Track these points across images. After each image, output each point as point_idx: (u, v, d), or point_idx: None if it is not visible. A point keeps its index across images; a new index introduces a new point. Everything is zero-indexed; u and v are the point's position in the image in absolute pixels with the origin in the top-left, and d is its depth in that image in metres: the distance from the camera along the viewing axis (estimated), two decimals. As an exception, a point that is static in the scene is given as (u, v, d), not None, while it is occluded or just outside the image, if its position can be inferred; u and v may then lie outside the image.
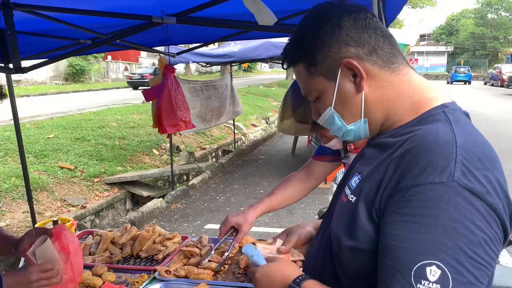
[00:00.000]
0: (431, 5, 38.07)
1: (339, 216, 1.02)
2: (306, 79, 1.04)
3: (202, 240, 2.18)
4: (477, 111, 17.39)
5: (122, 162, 7.95)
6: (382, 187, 0.90)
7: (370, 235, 0.91)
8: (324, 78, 1.01)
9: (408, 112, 0.99)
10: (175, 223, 5.83)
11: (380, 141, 1.03)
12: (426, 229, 0.79)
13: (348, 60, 0.97)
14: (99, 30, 3.11)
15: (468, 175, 0.81)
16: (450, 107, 0.97)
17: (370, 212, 0.91)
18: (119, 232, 2.24)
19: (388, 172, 0.90)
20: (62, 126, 9.19)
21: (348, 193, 1.02)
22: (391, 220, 0.85)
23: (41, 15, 2.46)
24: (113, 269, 1.96)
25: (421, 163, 0.83)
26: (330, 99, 1.02)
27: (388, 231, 0.85)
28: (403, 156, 0.88)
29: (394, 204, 0.85)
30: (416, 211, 0.81)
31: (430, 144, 0.86)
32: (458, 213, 0.79)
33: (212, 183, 7.85)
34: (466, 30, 61.89)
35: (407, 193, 0.83)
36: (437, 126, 0.91)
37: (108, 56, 28.14)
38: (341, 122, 1.03)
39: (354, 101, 1.00)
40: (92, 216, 6.15)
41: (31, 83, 21.90)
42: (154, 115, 3.73)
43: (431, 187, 0.81)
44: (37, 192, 6.10)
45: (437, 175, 0.81)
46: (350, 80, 0.99)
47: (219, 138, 11.60)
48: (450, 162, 0.82)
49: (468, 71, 42.82)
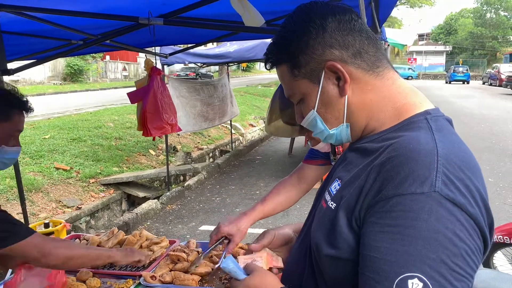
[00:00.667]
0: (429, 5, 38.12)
1: (318, 223, 1.00)
2: (289, 81, 1.02)
3: (190, 244, 2.16)
4: (475, 111, 17.41)
5: (118, 162, 7.93)
6: (363, 196, 0.87)
7: (350, 244, 0.89)
8: (308, 80, 0.99)
9: (391, 117, 0.97)
10: (170, 225, 5.80)
11: (361, 145, 1.01)
12: (408, 241, 0.77)
13: (332, 63, 0.95)
14: (90, 31, 3.09)
15: (449, 185, 0.79)
16: (433, 114, 0.95)
17: (350, 221, 0.89)
18: (105, 236, 2.22)
19: (369, 180, 0.87)
20: (59, 127, 9.17)
21: (327, 198, 1.00)
22: (371, 231, 0.83)
23: (29, 16, 2.43)
24: (98, 275, 1.93)
25: (402, 172, 0.81)
26: (313, 102, 1.00)
27: (369, 242, 0.83)
28: (384, 164, 0.86)
29: (374, 214, 0.83)
30: (397, 222, 0.79)
31: (411, 153, 0.84)
32: (440, 224, 0.77)
33: (208, 184, 7.82)
34: (465, 30, 61.95)
35: (387, 203, 0.81)
36: (418, 134, 0.89)
37: (107, 56, 28.09)
38: (323, 125, 1.02)
39: (337, 104, 0.99)
40: (88, 217, 6.12)
41: (29, 83, 21.85)
42: (138, 117, 3.68)
43: (413, 198, 0.79)
44: (32, 193, 6.08)
45: (418, 186, 0.79)
46: (334, 83, 0.97)
47: (216, 138, 11.58)
48: (431, 172, 0.80)
49: (466, 71, 42.83)
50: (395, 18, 47.30)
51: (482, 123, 13.78)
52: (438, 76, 53.74)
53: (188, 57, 6.87)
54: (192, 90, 7.60)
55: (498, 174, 7.57)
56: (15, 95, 1.78)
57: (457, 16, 68.80)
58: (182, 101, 7.23)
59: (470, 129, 12.78)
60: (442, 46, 63.28)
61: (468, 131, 12.23)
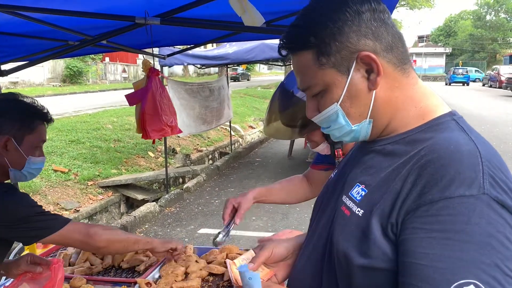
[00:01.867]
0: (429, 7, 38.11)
1: (344, 232, 0.92)
2: (313, 69, 0.92)
3: (187, 250, 2.10)
4: (474, 113, 17.38)
5: (117, 165, 7.88)
6: (400, 200, 0.82)
7: (386, 253, 0.83)
8: (335, 70, 0.91)
9: (414, 117, 0.93)
10: (168, 228, 5.75)
11: (383, 147, 0.95)
12: (459, 246, 0.73)
13: (367, 54, 0.89)
14: (87, 32, 3.04)
15: (496, 187, 0.77)
16: (457, 116, 0.93)
17: (385, 228, 0.84)
18: (100, 242, 2.16)
19: (406, 184, 0.83)
20: (57, 129, 9.11)
21: (351, 205, 0.93)
22: (415, 237, 0.78)
23: (23, 16, 2.39)
24: (92, 281, 1.88)
25: (447, 174, 0.77)
26: (338, 94, 0.92)
27: (414, 249, 0.78)
28: (424, 167, 0.81)
29: (417, 219, 0.78)
30: (446, 226, 0.75)
31: (454, 155, 0.80)
32: (491, 227, 0.74)
33: (207, 186, 7.77)
34: (465, 32, 62.08)
35: (433, 207, 0.77)
36: (454, 134, 0.86)
37: (106, 57, 28.06)
38: (345, 120, 0.94)
39: (363, 99, 0.92)
40: (86, 220, 6.07)
41: (28, 85, 21.80)
42: (137, 120, 3.61)
43: (461, 201, 0.75)
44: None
45: (466, 188, 0.75)
46: (363, 75, 0.91)
47: (216, 140, 11.54)
48: (477, 174, 0.77)
49: (466, 73, 42.86)
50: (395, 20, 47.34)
51: (482, 125, 13.74)
52: (438, 78, 53.77)
53: (187, 58, 6.83)
54: (190, 92, 7.58)
55: (499, 177, 7.52)
56: (36, 107, 1.82)
57: (456, 18, 69.00)
58: (182, 103, 7.20)
59: (470, 131, 12.73)
60: (442, 48, 63.38)
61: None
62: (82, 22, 2.77)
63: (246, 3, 1.80)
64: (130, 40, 3.50)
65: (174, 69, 31.89)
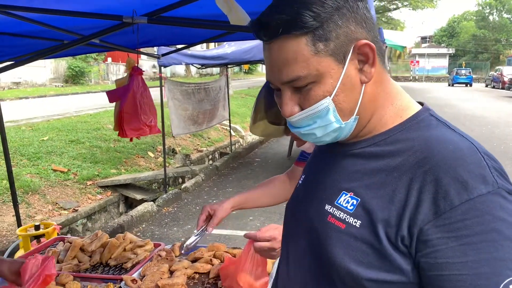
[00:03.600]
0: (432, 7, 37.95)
1: (343, 246, 0.84)
2: (306, 57, 0.80)
3: (175, 248, 2.12)
4: (476, 113, 17.32)
5: (117, 164, 7.90)
6: (409, 211, 0.77)
7: (397, 264, 0.79)
8: (333, 59, 0.81)
9: (392, 116, 0.89)
10: (165, 227, 5.76)
11: (365, 150, 0.90)
12: (494, 246, 0.71)
13: (366, 42, 0.82)
14: (81, 31, 3.07)
15: (502, 179, 0.77)
16: (432, 110, 0.90)
17: (393, 240, 0.78)
18: (89, 239, 2.18)
19: (412, 192, 0.77)
20: (57, 129, 9.15)
21: (343, 216, 0.85)
22: (446, 248, 0.73)
23: (16, 15, 2.40)
24: (80, 278, 1.89)
25: (459, 176, 0.75)
26: (332, 86, 0.82)
27: (449, 260, 0.73)
28: (430, 172, 0.77)
29: (441, 228, 0.74)
30: (475, 229, 0.72)
31: (455, 154, 0.78)
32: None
33: (205, 186, 7.78)
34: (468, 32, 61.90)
35: (455, 212, 0.73)
36: (444, 132, 0.83)
37: (108, 58, 28.12)
38: (335, 117, 0.84)
39: (355, 93, 0.84)
40: (84, 220, 6.09)
41: (31, 85, 21.86)
42: (115, 117, 3.61)
43: (482, 199, 0.73)
44: (28, 195, 6.05)
45: (482, 185, 0.74)
46: (356, 66, 0.83)
47: (216, 140, 11.55)
48: (485, 170, 0.76)
49: (469, 73, 42.75)
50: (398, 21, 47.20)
51: (483, 126, 13.72)
52: (441, 79, 53.64)
53: (185, 58, 6.85)
54: (185, 94, 7.61)
55: (499, 177, 7.50)
56: None
57: (459, 19, 68.81)
58: (175, 104, 7.23)
59: (471, 131, 12.70)
60: (445, 49, 63.22)
61: (469, 134, 12.06)
62: (75, 22, 2.79)
63: (232, 2, 1.81)
64: (124, 40, 3.52)
65: (176, 69, 31.90)
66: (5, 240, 5.06)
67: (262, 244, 1.54)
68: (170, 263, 1.93)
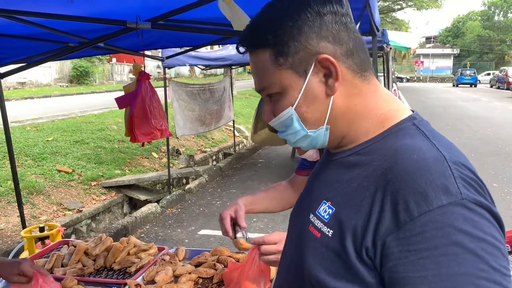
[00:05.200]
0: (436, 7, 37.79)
1: (316, 255, 0.86)
2: (269, 70, 0.87)
3: (179, 252, 2.13)
4: (480, 114, 17.25)
5: (121, 165, 7.92)
6: (373, 222, 0.77)
7: (361, 276, 0.78)
8: (293, 72, 0.86)
9: (375, 125, 0.90)
10: (169, 228, 5.77)
11: (343, 159, 0.92)
12: (455, 260, 0.69)
13: (326, 57, 0.85)
14: (84, 34, 3.08)
15: (470, 189, 0.74)
16: (418, 118, 0.89)
17: (359, 251, 0.78)
18: (93, 243, 2.19)
19: (376, 202, 0.77)
20: (62, 129, 9.18)
21: (319, 225, 0.87)
22: (407, 261, 0.72)
23: (21, 20, 2.42)
24: (84, 282, 1.90)
25: (418, 187, 0.73)
26: (294, 97, 0.87)
27: (409, 274, 0.72)
28: (391, 181, 0.76)
29: (401, 241, 0.73)
30: (435, 242, 0.70)
31: (419, 163, 0.76)
32: (479, 231, 0.71)
33: (209, 187, 7.79)
34: (473, 33, 61.65)
35: (414, 224, 0.71)
36: (415, 141, 0.82)
37: (113, 58, 28.19)
38: (300, 125, 0.90)
39: (320, 104, 0.88)
40: (89, 220, 6.11)
41: (36, 85, 21.96)
42: (126, 123, 3.64)
43: (442, 211, 0.71)
44: (33, 195, 6.08)
45: (443, 196, 0.71)
46: (321, 80, 0.87)
47: (220, 141, 11.56)
48: (449, 179, 0.73)
49: (474, 74, 42.62)
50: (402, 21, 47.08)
51: (488, 127, 13.65)
52: (445, 79, 53.49)
53: (189, 59, 6.87)
54: (191, 94, 7.62)
55: (503, 179, 7.46)
56: None
57: (464, 19, 68.53)
58: (181, 105, 7.23)
59: (474, 133, 12.66)
60: (450, 49, 63.02)
61: (473, 135, 12.11)
62: (80, 26, 2.81)
63: (235, 7, 1.81)
64: (129, 42, 3.54)
65: (181, 70, 31.95)
66: (10, 241, 5.09)
67: (268, 248, 1.54)
68: (174, 267, 1.94)
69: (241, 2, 1.81)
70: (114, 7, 2.41)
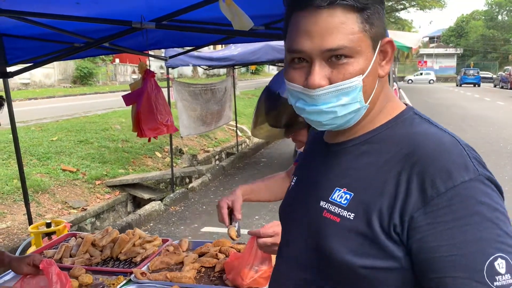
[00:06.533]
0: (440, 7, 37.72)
1: (339, 239, 0.91)
2: (356, 31, 0.87)
3: (182, 243, 2.21)
4: (483, 114, 17.25)
5: (125, 164, 8.00)
6: (400, 201, 0.84)
7: (389, 251, 0.86)
8: (371, 42, 0.90)
9: (385, 113, 0.98)
10: (173, 226, 5.86)
11: (351, 148, 0.97)
12: (478, 227, 0.79)
13: (390, 40, 0.93)
14: (90, 34, 3.16)
15: (480, 166, 0.85)
16: (415, 110, 0.99)
17: (386, 228, 0.85)
18: (100, 235, 2.27)
19: (402, 183, 0.85)
20: (66, 129, 9.28)
21: (337, 211, 0.92)
22: (435, 232, 0.81)
23: (30, 21, 2.51)
24: (91, 271, 1.98)
25: (443, 167, 0.83)
26: (366, 66, 0.89)
27: (438, 243, 0.81)
28: (417, 164, 0.85)
29: (429, 214, 0.81)
30: (460, 213, 0.80)
31: (439, 147, 0.86)
32: (493, 202, 0.82)
33: (212, 186, 7.87)
34: (476, 32, 61.46)
35: (441, 199, 0.81)
36: (428, 129, 0.92)
37: (116, 59, 28.27)
38: (360, 97, 0.90)
39: (374, 82, 0.92)
40: (93, 219, 6.20)
41: (40, 86, 22.07)
42: (133, 119, 3.77)
43: (465, 186, 0.81)
44: (38, 194, 6.17)
45: (464, 173, 0.82)
46: (379, 60, 0.93)
47: (223, 141, 11.63)
48: (466, 159, 0.84)
49: (477, 73, 42.53)
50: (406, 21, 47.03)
51: (490, 126, 13.67)
52: (448, 79, 53.37)
53: (192, 59, 6.93)
54: (193, 94, 7.71)
55: (504, 178, 7.52)
56: None
57: (468, 18, 68.31)
58: (184, 104, 7.33)
59: (477, 132, 12.68)
60: (453, 49, 62.82)
61: (475, 135, 12.13)
62: (85, 26, 2.89)
63: (236, 7, 1.89)
64: (133, 42, 3.61)
65: (183, 70, 32.02)
66: (16, 239, 5.18)
67: (265, 240, 1.60)
68: (178, 258, 2.02)
69: (241, 3, 1.88)
70: (119, 7, 2.49)
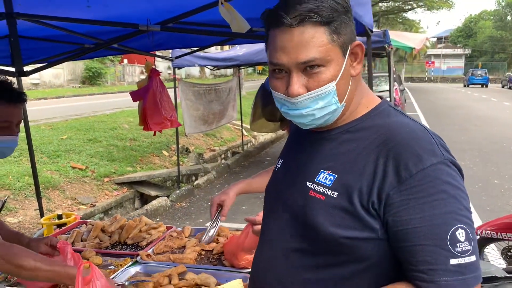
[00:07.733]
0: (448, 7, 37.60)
1: (324, 214, 1.04)
2: (325, 43, 0.98)
3: (185, 230, 2.37)
4: (489, 114, 17.23)
5: (132, 162, 8.17)
6: (378, 181, 0.98)
7: (368, 224, 1.00)
8: (339, 50, 1.02)
9: (362, 107, 1.11)
10: (178, 221, 6.02)
11: (335, 136, 1.11)
12: (443, 203, 0.94)
13: (360, 43, 1.05)
14: (99, 36, 3.33)
15: (445, 152, 1.00)
16: (389, 102, 1.15)
17: (365, 205, 0.99)
18: (109, 221, 2.45)
19: (379, 166, 0.99)
20: (76, 128, 9.47)
21: (322, 190, 1.05)
22: (407, 207, 0.95)
23: (44, 23, 2.68)
24: (101, 254, 2.16)
25: (415, 152, 0.97)
26: (337, 72, 1.01)
27: (409, 217, 0.95)
28: (393, 149, 0.99)
29: (403, 192, 0.96)
30: (429, 191, 0.94)
31: (411, 135, 1.01)
32: (456, 182, 0.98)
33: (217, 183, 8.03)
34: (485, 33, 61.00)
35: (413, 179, 0.95)
36: (402, 119, 1.07)
37: (124, 59, 28.55)
38: (335, 99, 1.03)
39: (347, 83, 1.05)
40: (101, 214, 6.37)
41: (49, 86, 22.36)
42: (140, 114, 4.03)
43: (433, 168, 0.96)
44: (49, 190, 6.36)
45: (432, 157, 0.96)
46: (349, 62, 1.05)
47: (228, 140, 11.77)
48: (433, 146, 0.99)
49: (485, 74, 42.30)
50: (413, 21, 46.96)
51: (495, 126, 13.69)
52: (456, 80, 53.09)
53: (198, 60, 7.07)
54: (197, 94, 7.87)
55: (505, 176, 7.60)
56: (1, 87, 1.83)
57: (477, 19, 67.80)
58: (187, 104, 7.50)
59: (481, 132, 12.72)
60: (461, 49, 62.39)
61: (479, 135, 12.17)
62: (95, 28, 3.06)
63: (234, 11, 2.05)
64: (140, 43, 3.78)
65: (191, 71, 32.24)
66: (28, 232, 5.37)
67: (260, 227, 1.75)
68: (181, 242, 2.19)
69: (239, 7, 2.04)
70: (127, 11, 2.66)
